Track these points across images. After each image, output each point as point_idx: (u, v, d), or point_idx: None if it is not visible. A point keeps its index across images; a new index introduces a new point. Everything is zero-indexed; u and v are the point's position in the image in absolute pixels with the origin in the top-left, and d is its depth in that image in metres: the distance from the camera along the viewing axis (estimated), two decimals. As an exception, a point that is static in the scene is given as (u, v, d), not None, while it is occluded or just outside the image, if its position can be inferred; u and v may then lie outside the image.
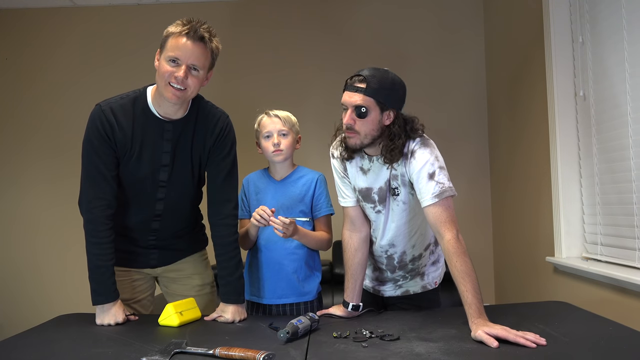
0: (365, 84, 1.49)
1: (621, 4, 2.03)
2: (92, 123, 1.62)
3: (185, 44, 1.51)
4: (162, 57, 1.55)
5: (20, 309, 3.60)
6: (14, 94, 3.70)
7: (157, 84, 1.58)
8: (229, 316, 1.64)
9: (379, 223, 1.69)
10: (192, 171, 1.71)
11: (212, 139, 1.69)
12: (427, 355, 1.21)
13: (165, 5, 3.67)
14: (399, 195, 1.61)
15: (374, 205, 1.67)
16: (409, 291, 1.80)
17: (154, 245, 1.81)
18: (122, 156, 1.63)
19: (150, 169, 1.65)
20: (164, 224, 1.76)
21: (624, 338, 1.31)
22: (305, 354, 1.25)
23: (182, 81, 1.51)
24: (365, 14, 3.63)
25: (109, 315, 1.61)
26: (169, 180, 1.68)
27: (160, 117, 1.63)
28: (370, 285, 1.86)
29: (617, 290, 1.99)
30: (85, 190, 1.65)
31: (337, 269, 3.26)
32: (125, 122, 1.60)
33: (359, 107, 1.50)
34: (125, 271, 1.80)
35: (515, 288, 3.12)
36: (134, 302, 1.84)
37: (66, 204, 3.62)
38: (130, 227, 1.76)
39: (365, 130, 1.53)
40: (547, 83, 2.50)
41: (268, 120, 1.87)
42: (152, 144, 1.63)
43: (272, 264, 1.82)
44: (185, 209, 1.80)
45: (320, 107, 3.55)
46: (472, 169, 3.54)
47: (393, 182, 1.61)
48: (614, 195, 2.14)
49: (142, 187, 1.68)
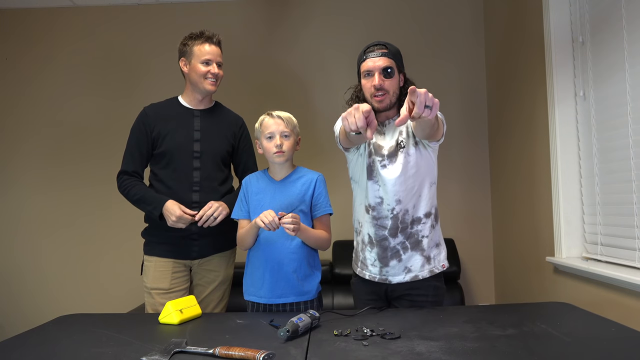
0: (387, 49, 1.76)
1: (621, 4, 2.04)
2: (137, 118, 2.16)
3: (212, 48, 2.10)
4: (194, 61, 2.09)
5: (20, 309, 3.60)
6: (14, 94, 3.70)
7: (194, 82, 2.10)
8: (213, 203, 2.00)
9: (385, 178, 1.80)
10: (220, 146, 2.14)
11: (237, 128, 2.20)
12: (428, 354, 1.21)
13: (165, 5, 3.67)
14: (405, 147, 1.79)
15: (382, 158, 1.82)
16: (417, 276, 1.82)
17: (195, 232, 2.06)
18: (159, 135, 2.10)
19: (184, 140, 2.09)
20: (202, 196, 2.06)
21: (626, 339, 1.31)
22: (306, 352, 1.25)
23: (216, 75, 2.10)
24: (365, 13, 3.64)
25: (169, 214, 1.97)
26: (201, 151, 2.10)
27: (190, 107, 2.16)
28: (376, 272, 1.87)
29: (617, 290, 1.99)
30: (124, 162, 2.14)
31: (337, 269, 3.26)
32: (162, 111, 2.14)
33: (386, 68, 1.75)
34: (167, 262, 2.08)
35: (515, 288, 3.12)
36: (172, 292, 2.07)
37: (67, 203, 3.63)
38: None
39: (393, 88, 1.78)
40: (547, 83, 2.50)
41: (271, 120, 1.87)
42: (184, 124, 2.12)
43: (271, 264, 1.82)
44: (218, 182, 2.12)
45: (319, 107, 3.56)
46: (472, 169, 3.54)
47: (399, 137, 1.80)
48: (614, 195, 2.14)
49: (181, 157, 2.08)
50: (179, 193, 2.05)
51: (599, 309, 2.10)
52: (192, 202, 2.06)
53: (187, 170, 2.08)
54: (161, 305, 2.02)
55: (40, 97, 3.70)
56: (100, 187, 3.61)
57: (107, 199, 3.59)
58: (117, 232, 3.58)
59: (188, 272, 2.15)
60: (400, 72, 1.83)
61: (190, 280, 2.16)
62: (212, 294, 2.15)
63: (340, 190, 3.42)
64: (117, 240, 3.57)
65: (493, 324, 1.46)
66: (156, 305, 2.06)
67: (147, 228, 2.17)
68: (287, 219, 1.67)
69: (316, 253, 1.91)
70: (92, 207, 3.61)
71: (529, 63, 2.78)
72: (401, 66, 1.83)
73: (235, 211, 1.94)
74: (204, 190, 2.08)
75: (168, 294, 2.06)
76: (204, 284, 2.15)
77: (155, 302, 2.07)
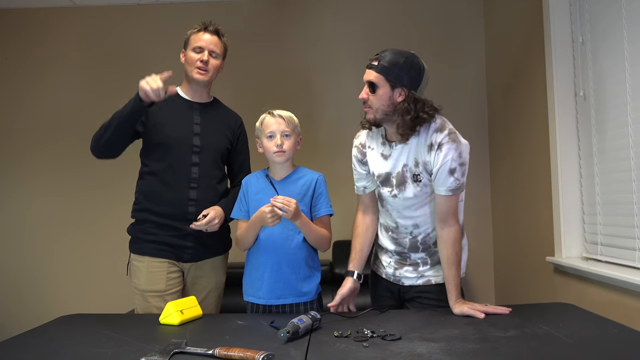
0: (377, 62, 1.65)
1: (621, 4, 2.03)
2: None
3: (205, 36, 2.01)
4: (188, 50, 2.03)
5: (21, 309, 3.60)
6: (14, 94, 3.70)
7: (187, 72, 2.04)
8: (212, 212, 1.92)
9: (396, 205, 1.76)
10: (219, 143, 2.06)
11: (236, 126, 2.14)
12: (428, 355, 1.21)
13: (165, 5, 3.66)
14: (421, 182, 1.70)
15: (392, 189, 1.75)
16: (430, 281, 1.80)
17: (189, 233, 1.97)
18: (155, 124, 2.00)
19: (183, 133, 2.00)
20: (199, 194, 1.98)
21: (629, 340, 1.30)
22: (306, 353, 1.25)
23: (205, 62, 1.99)
24: (365, 13, 3.63)
25: (144, 84, 1.85)
26: (201, 146, 2.01)
27: (189, 99, 2.07)
28: (390, 273, 1.86)
29: (617, 290, 1.99)
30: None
31: (337, 269, 3.26)
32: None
33: (370, 83, 1.66)
34: (161, 262, 1.98)
35: (515, 288, 3.12)
36: (167, 294, 1.96)
37: (68, 203, 3.63)
38: (169, 201, 1.97)
39: (377, 105, 1.65)
40: (547, 83, 2.50)
41: (272, 120, 1.85)
42: (183, 116, 2.03)
43: (270, 265, 1.81)
44: (215, 180, 2.04)
45: (320, 106, 3.55)
46: (472, 169, 3.49)
47: (415, 169, 1.70)
48: (614, 195, 2.14)
49: (179, 151, 1.98)
50: (176, 189, 1.96)
51: (599, 309, 2.10)
52: (188, 200, 1.97)
53: (185, 165, 1.98)
54: (156, 309, 1.89)
55: (40, 97, 3.69)
56: (101, 187, 3.61)
57: (109, 199, 3.58)
58: (117, 233, 3.57)
59: (181, 273, 2.03)
60: (396, 87, 1.63)
61: (183, 283, 2.05)
62: (204, 302, 2.03)
63: (340, 191, 3.41)
64: (119, 241, 3.57)
65: (495, 326, 1.46)
66: (151, 309, 1.92)
67: (133, 224, 2.05)
68: (277, 200, 1.68)
69: (316, 254, 1.90)
70: (94, 208, 3.60)
71: (529, 63, 2.78)
72: (396, 80, 1.62)
73: (235, 211, 1.93)
74: (202, 187, 1.99)
75: (163, 296, 1.94)
76: (195, 292, 2.03)
77: (150, 306, 1.93)
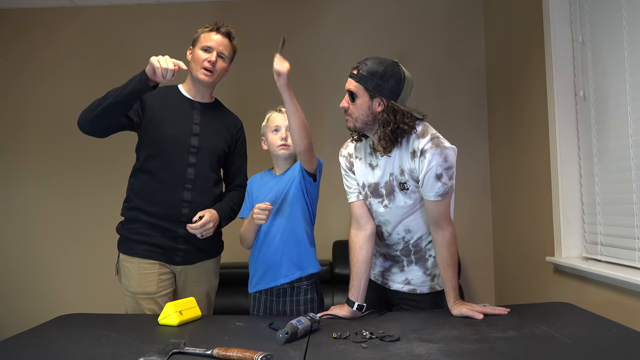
0: (357, 71, 1.63)
1: (621, 4, 2.03)
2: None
3: (216, 36, 1.97)
4: (196, 48, 1.97)
5: (20, 309, 3.60)
6: (14, 94, 3.70)
7: (192, 70, 1.98)
8: (207, 214, 1.89)
9: (389, 216, 1.73)
10: (218, 145, 2.02)
11: (235, 130, 2.09)
12: (427, 356, 1.21)
13: (165, 5, 3.66)
14: (409, 189, 1.67)
15: (382, 199, 1.72)
16: (416, 290, 1.80)
17: (181, 236, 1.92)
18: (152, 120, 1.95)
19: (182, 132, 1.96)
20: (194, 195, 1.94)
21: (628, 340, 1.30)
22: (304, 354, 1.25)
23: (213, 64, 1.95)
24: (365, 13, 3.63)
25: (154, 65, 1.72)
26: (199, 147, 1.97)
27: (190, 98, 2.03)
28: (378, 271, 1.87)
29: (617, 290, 1.99)
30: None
31: (337, 269, 3.26)
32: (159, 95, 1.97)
33: (349, 92, 1.65)
34: (152, 264, 1.93)
35: (515, 288, 3.12)
36: (158, 296, 1.91)
37: (66, 203, 3.63)
38: (162, 201, 1.92)
39: (356, 114, 1.65)
40: (547, 83, 2.49)
41: (278, 115, 1.92)
42: (183, 114, 1.98)
43: (269, 257, 1.86)
44: (211, 183, 2.00)
45: (322, 106, 3.55)
46: (472, 169, 3.53)
47: (401, 177, 1.66)
48: (614, 195, 2.13)
49: (176, 150, 1.94)
50: (170, 188, 1.91)
51: (599, 309, 2.09)
52: (182, 201, 1.92)
53: (181, 165, 1.93)
54: (148, 311, 1.88)
55: (40, 97, 3.70)
56: (102, 188, 3.61)
57: (110, 200, 3.58)
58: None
59: (173, 275, 1.98)
60: (375, 96, 1.59)
61: (174, 284, 2.00)
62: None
63: (340, 191, 3.40)
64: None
65: (493, 326, 1.46)
66: (143, 311, 1.88)
67: (123, 222, 2.00)
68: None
69: (311, 232, 1.92)
70: (94, 209, 3.60)
71: (529, 63, 2.77)
72: (375, 90, 1.58)
73: (242, 210, 2.00)
74: (197, 189, 1.95)
75: (155, 298, 1.90)
76: (187, 295, 1.95)
77: (142, 308, 1.89)
